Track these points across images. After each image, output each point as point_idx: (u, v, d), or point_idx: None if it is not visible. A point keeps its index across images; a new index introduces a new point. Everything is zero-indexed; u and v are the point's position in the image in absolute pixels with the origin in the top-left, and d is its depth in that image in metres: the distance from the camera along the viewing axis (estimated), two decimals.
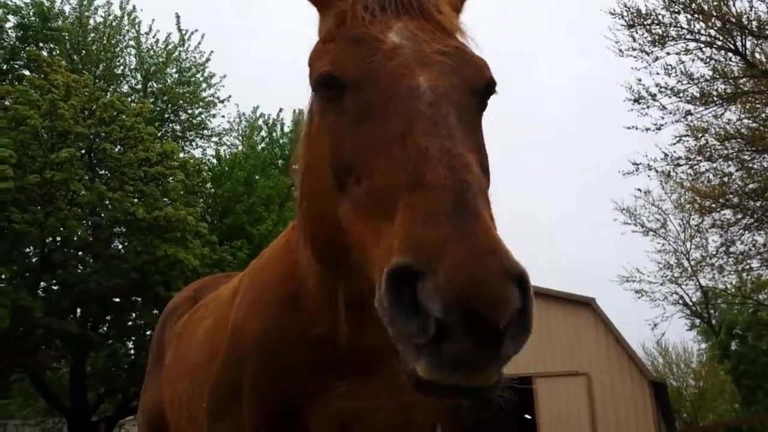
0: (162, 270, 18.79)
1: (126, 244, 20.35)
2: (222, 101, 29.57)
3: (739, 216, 17.58)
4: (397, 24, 1.43)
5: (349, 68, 1.39)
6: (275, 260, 2.18)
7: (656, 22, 15.71)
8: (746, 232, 18.15)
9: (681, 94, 15.95)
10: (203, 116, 30.00)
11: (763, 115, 16.12)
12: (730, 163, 16.95)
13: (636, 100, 16.12)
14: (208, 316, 2.78)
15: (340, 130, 1.36)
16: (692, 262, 30.12)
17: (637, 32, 15.80)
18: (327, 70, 1.43)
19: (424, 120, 1.21)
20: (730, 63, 15.93)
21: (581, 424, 22.78)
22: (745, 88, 15.64)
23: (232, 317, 2.18)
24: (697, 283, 33.11)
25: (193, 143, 30.59)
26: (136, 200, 19.08)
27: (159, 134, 24.58)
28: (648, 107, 16.09)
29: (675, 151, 16.73)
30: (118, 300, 19.84)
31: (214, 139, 31.95)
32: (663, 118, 16.10)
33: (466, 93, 1.35)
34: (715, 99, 15.87)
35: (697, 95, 15.90)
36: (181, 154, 24.22)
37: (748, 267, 21.78)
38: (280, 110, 40.11)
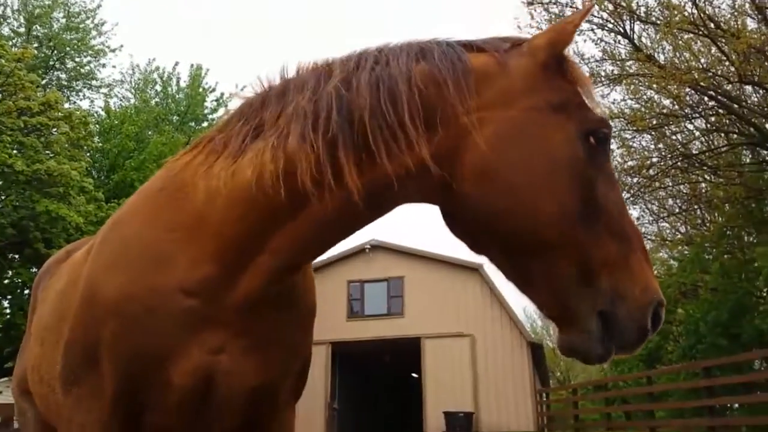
0: (42, 226, 17.83)
1: (3, 198, 19.09)
2: (113, 50, 28.09)
3: None
4: None
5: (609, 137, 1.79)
6: (143, 212, 2.00)
7: (553, 1, 16.32)
8: None
9: None
10: (92, 65, 28.40)
11: (645, 97, 17.18)
12: (612, 140, 18.00)
13: None
14: (62, 277, 2.66)
15: (596, 176, 1.68)
16: None
17: (535, 10, 16.35)
18: (608, 129, 1.77)
19: None
20: (619, 46, 16.85)
21: (464, 382, 23.88)
22: (631, 71, 16.58)
23: (86, 274, 2.01)
24: None
25: (80, 94, 28.96)
26: (14, 152, 17.90)
27: (42, 82, 23.04)
28: None
29: None
30: None
31: (104, 90, 30.39)
32: None
33: None
34: (603, 79, 16.76)
35: (587, 74, 16.73)
36: (67, 105, 22.90)
37: None
38: (176, 64, 38.64)
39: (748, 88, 16.36)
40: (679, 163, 17.68)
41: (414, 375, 30.21)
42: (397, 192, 1.75)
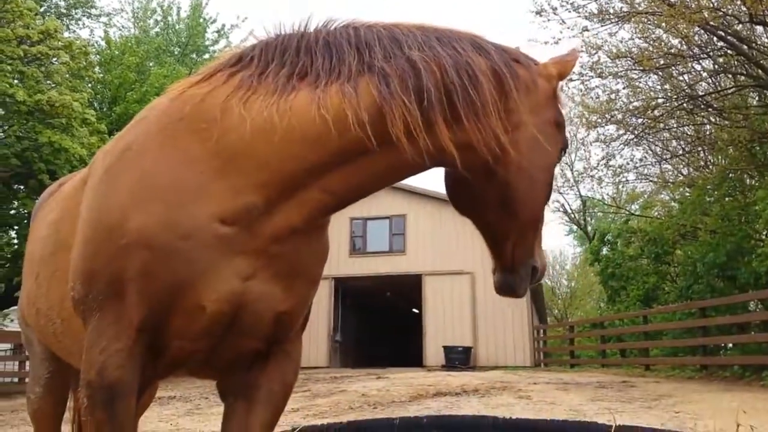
0: (46, 158, 17.85)
1: (5, 128, 19.04)
2: None
3: (621, 132, 18.66)
4: None
5: None
6: (164, 141, 1.95)
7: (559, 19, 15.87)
8: (626, 147, 19.37)
9: (580, 10, 16.37)
10: None
11: (653, 36, 16.86)
12: (618, 80, 17.77)
13: (538, 12, 16.42)
14: (54, 208, 2.65)
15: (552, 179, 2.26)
16: (575, 173, 31.97)
17: (547, 19, 15.92)
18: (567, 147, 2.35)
19: None
20: None
21: (463, 318, 24.39)
22: (640, 8, 16.22)
23: (98, 204, 1.98)
24: (578, 193, 35.36)
25: (80, 23, 28.44)
26: (15, 81, 17.74)
27: (41, 10, 22.60)
28: (549, 20, 16.45)
29: None
30: None
31: (103, 19, 29.85)
32: (561, 32, 16.53)
33: None
34: (611, 17, 16.41)
35: (595, 12, 16.38)
36: (66, 34, 22.51)
37: (624, 179, 23.40)
38: None
39: (759, 28, 16.05)
40: (684, 105, 17.50)
41: (415, 310, 30.79)
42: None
